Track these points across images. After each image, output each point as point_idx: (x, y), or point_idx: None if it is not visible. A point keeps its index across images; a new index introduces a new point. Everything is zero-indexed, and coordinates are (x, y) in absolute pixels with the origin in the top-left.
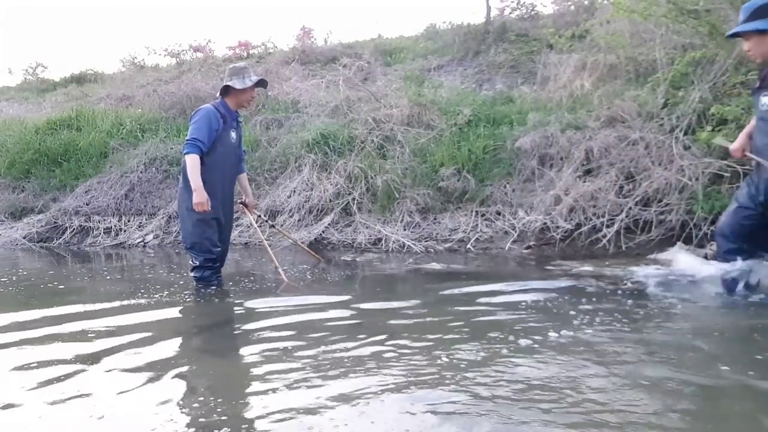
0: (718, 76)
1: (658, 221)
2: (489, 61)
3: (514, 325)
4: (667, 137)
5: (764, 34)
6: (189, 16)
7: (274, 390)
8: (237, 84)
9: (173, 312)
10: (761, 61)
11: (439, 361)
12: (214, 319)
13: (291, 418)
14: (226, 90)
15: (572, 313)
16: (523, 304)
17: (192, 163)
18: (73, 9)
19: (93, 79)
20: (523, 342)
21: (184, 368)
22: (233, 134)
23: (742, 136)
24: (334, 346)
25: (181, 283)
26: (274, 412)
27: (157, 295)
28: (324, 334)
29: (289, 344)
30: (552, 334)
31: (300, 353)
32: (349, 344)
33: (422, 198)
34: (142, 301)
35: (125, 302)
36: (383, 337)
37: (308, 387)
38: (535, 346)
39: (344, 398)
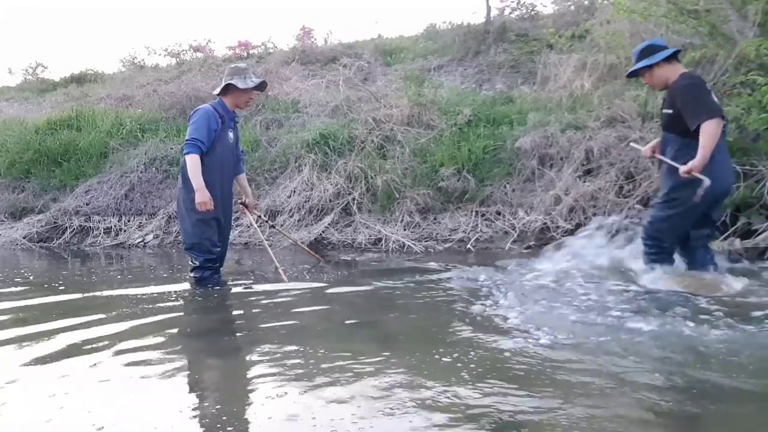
0: (718, 76)
1: None
2: (489, 61)
3: (514, 323)
4: None
5: (652, 68)
6: (189, 16)
7: (275, 390)
8: (239, 84)
9: (173, 313)
10: (660, 89)
11: (442, 360)
12: (214, 319)
13: (293, 418)
14: (226, 89)
15: (572, 306)
16: (522, 302)
17: (193, 162)
18: (73, 9)
19: (93, 79)
20: (525, 339)
21: (185, 370)
22: (231, 134)
23: (653, 141)
24: (335, 346)
25: (181, 283)
26: (276, 413)
27: (157, 296)
28: (325, 333)
29: (289, 344)
30: (556, 334)
31: (301, 353)
32: (351, 344)
33: (422, 198)
34: (142, 301)
35: (125, 303)
36: (384, 335)
37: (310, 387)
38: (537, 343)
39: (346, 398)
